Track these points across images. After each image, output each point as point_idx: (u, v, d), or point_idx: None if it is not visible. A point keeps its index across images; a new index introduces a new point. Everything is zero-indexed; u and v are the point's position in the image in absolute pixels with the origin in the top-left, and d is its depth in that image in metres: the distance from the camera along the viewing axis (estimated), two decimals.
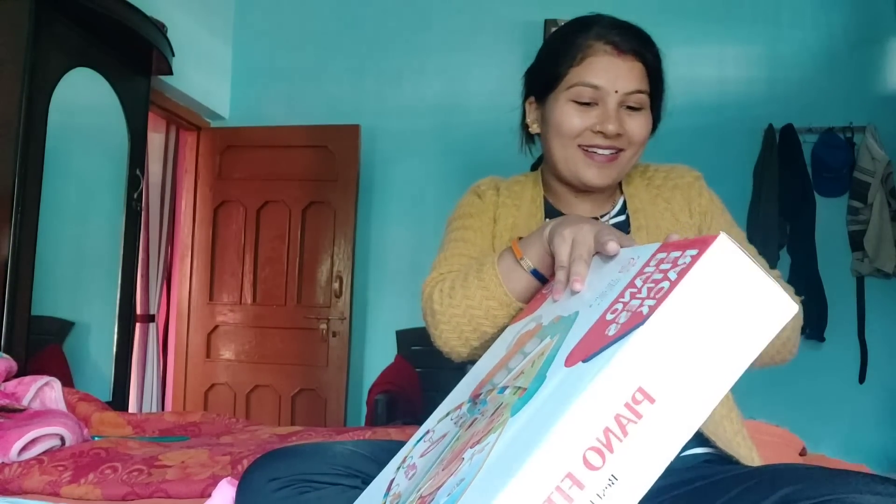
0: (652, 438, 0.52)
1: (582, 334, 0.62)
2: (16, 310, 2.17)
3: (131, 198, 2.83)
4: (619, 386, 0.52)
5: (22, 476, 1.31)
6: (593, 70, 0.98)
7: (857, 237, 3.12)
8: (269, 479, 0.87)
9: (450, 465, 0.63)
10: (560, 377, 0.59)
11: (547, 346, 0.68)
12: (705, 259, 0.55)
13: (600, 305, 0.65)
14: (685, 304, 0.54)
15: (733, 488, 0.73)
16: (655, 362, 0.53)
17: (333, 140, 3.52)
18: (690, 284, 0.55)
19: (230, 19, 3.76)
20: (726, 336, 0.54)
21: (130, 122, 2.83)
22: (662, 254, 0.63)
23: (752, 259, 0.56)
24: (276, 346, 3.53)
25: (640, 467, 0.52)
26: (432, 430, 0.79)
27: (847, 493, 0.63)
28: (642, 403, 0.52)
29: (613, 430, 0.52)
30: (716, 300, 0.55)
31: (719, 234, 0.56)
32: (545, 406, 0.57)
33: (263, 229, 3.60)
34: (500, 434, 0.59)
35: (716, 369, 0.54)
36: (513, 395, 0.64)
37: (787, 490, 0.67)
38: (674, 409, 0.53)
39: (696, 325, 0.54)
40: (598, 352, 0.56)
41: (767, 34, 3.39)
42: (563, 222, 0.84)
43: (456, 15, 3.61)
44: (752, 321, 0.55)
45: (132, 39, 2.64)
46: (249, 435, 1.76)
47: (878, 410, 3.16)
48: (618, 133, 0.97)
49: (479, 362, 0.85)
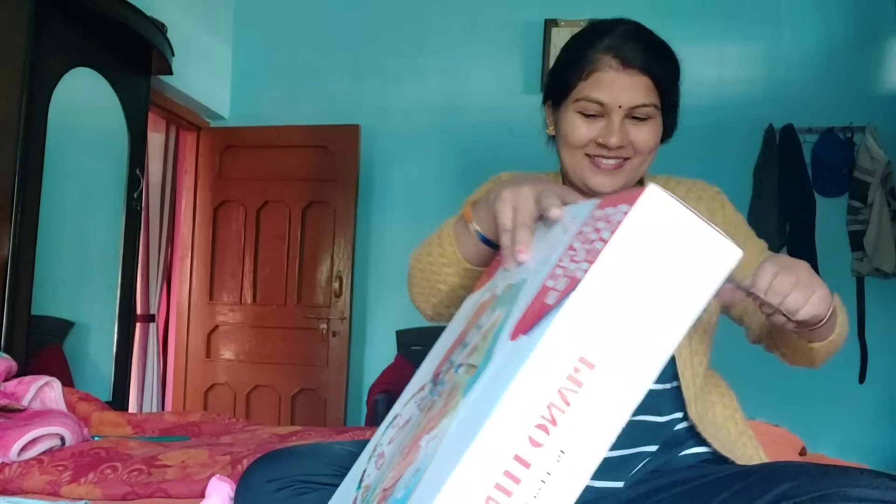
0: (597, 406, 0.50)
1: (526, 304, 0.59)
2: (16, 310, 2.17)
3: (131, 198, 2.83)
4: (558, 357, 0.50)
5: (22, 476, 1.31)
6: (598, 86, 0.98)
7: (856, 237, 3.12)
8: (268, 480, 0.87)
9: (409, 454, 0.60)
10: (504, 353, 0.56)
11: (497, 318, 0.65)
12: (635, 212, 0.52)
13: (544, 271, 0.61)
14: (619, 262, 0.51)
15: (731, 486, 0.74)
16: (593, 327, 0.50)
17: (333, 140, 3.52)
18: (622, 241, 0.51)
19: (230, 19, 3.76)
20: (668, 290, 0.51)
21: (130, 122, 2.83)
22: (599, 211, 0.60)
23: (687, 207, 0.53)
24: (276, 346, 3.53)
25: (588, 438, 0.50)
26: (399, 415, 0.76)
27: (844, 487, 0.64)
28: (582, 371, 0.50)
29: (556, 404, 0.49)
30: (652, 254, 0.51)
31: (648, 184, 0.53)
32: (490, 385, 0.54)
33: (263, 229, 3.60)
34: (453, 418, 0.56)
35: (660, 326, 0.51)
36: (465, 375, 0.62)
37: (786, 486, 0.68)
38: (618, 373, 0.50)
39: (633, 283, 0.51)
40: (538, 323, 0.53)
41: (767, 34, 3.39)
42: (506, 184, 0.82)
43: (456, 15, 3.61)
44: (694, 272, 0.52)
45: (132, 39, 2.63)
46: (249, 435, 1.76)
47: (878, 410, 3.16)
48: (621, 145, 0.98)
49: (441, 337, 0.82)
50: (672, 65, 1.01)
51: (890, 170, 3.11)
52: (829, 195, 3.24)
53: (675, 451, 0.93)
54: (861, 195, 3.11)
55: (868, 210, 3.08)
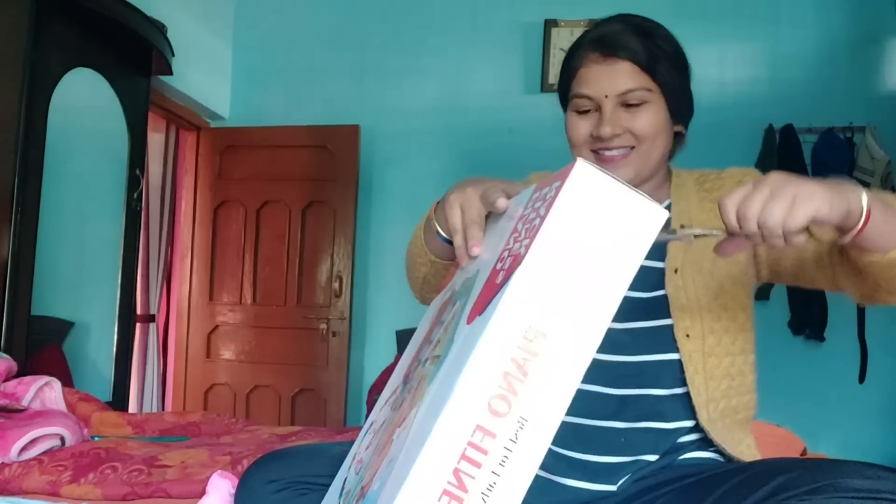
0: (553, 372, 0.52)
1: (480, 289, 0.62)
2: (16, 310, 2.17)
3: (131, 198, 2.83)
4: (509, 329, 0.52)
5: (22, 476, 1.31)
6: (584, 81, 1.01)
7: None
8: (267, 481, 0.87)
9: (384, 450, 0.63)
10: (463, 336, 0.59)
11: (457, 309, 0.68)
12: (567, 187, 0.55)
13: (493, 259, 0.65)
14: (556, 234, 0.54)
15: (727, 481, 0.74)
16: (540, 297, 0.53)
17: (333, 140, 3.52)
18: (557, 215, 0.55)
19: (230, 19, 3.76)
20: (604, 255, 0.54)
21: (130, 122, 2.83)
22: (536, 193, 0.63)
23: (613, 177, 0.56)
24: (276, 346, 3.53)
25: (547, 404, 0.52)
26: (374, 421, 0.78)
27: (837, 478, 0.65)
28: (535, 340, 0.52)
29: (513, 373, 0.51)
30: (586, 224, 0.54)
31: (577, 160, 0.56)
32: (450, 368, 0.56)
33: (263, 229, 3.60)
34: (420, 406, 0.59)
35: (601, 289, 0.54)
36: (431, 366, 0.64)
37: (781, 480, 0.68)
38: (568, 338, 0.53)
39: (572, 252, 0.54)
40: (490, 302, 0.56)
41: (768, 34, 3.39)
42: (452, 189, 0.86)
43: (456, 15, 3.61)
44: (627, 235, 0.55)
45: (132, 39, 2.64)
46: (249, 435, 1.76)
47: (878, 410, 3.16)
48: (615, 134, 0.98)
49: (410, 343, 0.85)
50: (659, 42, 0.99)
51: (890, 170, 3.11)
52: None
53: (674, 455, 0.93)
54: None
55: None
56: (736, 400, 0.97)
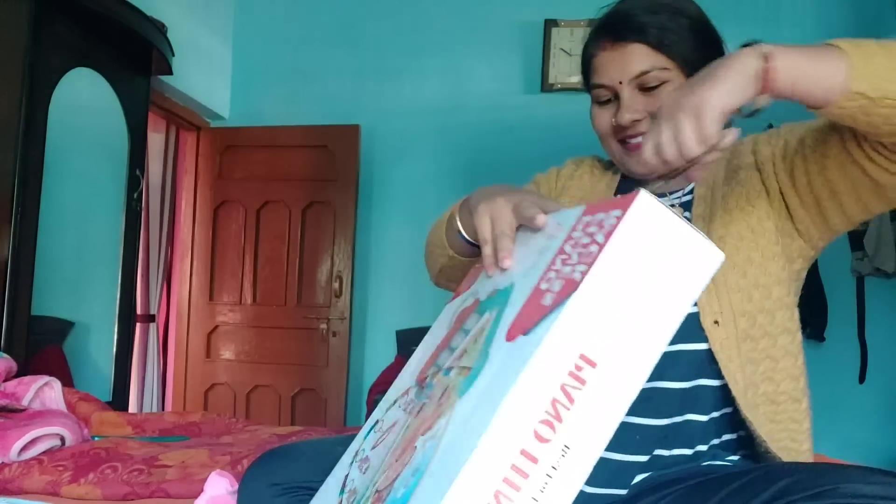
0: (599, 402, 0.52)
1: (519, 306, 0.62)
2: (16, 310, 2.17)
3: (131, 198, 2.83)
4: (561, 355, 0.52)
5: (22, 476, 1.31)
6: (598, 71, 0.99)
7: (857, 237, 3.12)
8: (268, 485, 0.87)
9: (403, 455, 0.62)
10: (503, 353, 0.58)
11: (486, 321, 0.67)
12: (628, 218, 0.55)
13: (534, 275, 0.64)
14: (615, 265, 0.54)
15: (729, 484, 0.74)
16: (593, 327, 0.53)
17: (333, 140, 3.52)
18: (618, 245, 0.55)
19: (230, 19, 3.76)
20: (658, 290, 0.54)
21: (130, 122, 2.83)
22: (588, 217, 0.63)
23: (674, 212, 0.56)
24: (276, 346, 3.53)
25: (590, 433, 0.52)
26: (381, 420, 0.77)
27: (840, 483, 0.64)
28: (585, 369, 0.52)
29: (560, 400, 0.51)
30: (644, 257, 0.55)
31: (639, 190, 0.56)
32: (492, 384, 0.56)
33: (263, 229, 3.60)
34: (451, 417, 0.58)
35: (652, 324, 0.54)
36: (458, 376, 0.64)
37: (784, 482, 0.68)
38: (616, 370, 0.53)
39: (628, 284, 0.54)
40: (538, 323, 0.56)
41: (767, 34, 3.38)
42: (479, 197, 0.84)
43: (456, 15, 3.61)
44: (682, 273, 0.55)
45: (132, 39, 2.64)
46: (249, 435, 1.76)
47: (878, 410, 3.16)
48: (635, 120, 0.95)
49: (422, 345, 0.84)
50: (669, 17, 0.94)
51: None
52: None
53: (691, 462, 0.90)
54: None
55: None
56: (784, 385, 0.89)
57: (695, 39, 0.95)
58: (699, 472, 0.85)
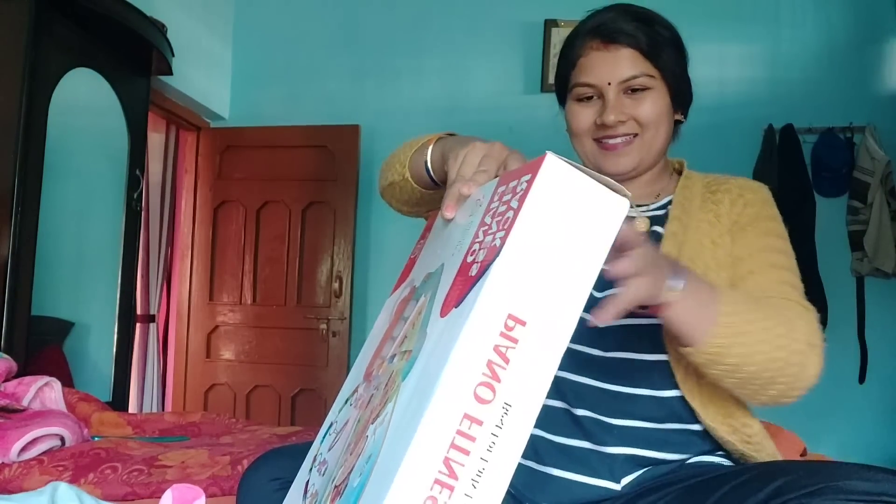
0: (532, 358, 0.54)
1: (450, 282, 0.64)
2: (16, 310, 2.17)
3: (131, 198, 2.83)
4: (491, 319, 0.54)
5: (22, 476, 1.31)
6: (586, 70, 1.01)
7: (856, 237, 3.12)
8: (270, 479, 0.87)
9: (356, 447, 0.64)
10: (439, 329, 0.60)
11: (423, 304, 0.70)
12: (538, 181, 0.57)
13: (460, 252, 0.67)
14: (530, 226, 0.56)
15: (726, 483, 0.74)
16: (518, 287, 0.55)
17: (333, 140, 3.52)
18: (531, 207, 0.57)
19: (230, 19, 3.76)
20: (574, 243, 0.57)
21: (130, 122, 2.83)
22: (502, 187, 0.65)
23: (581, 169, 0.58)
24: (276, 346, 3.53)
25: (528, 388, 0.54)
26: (335, 422, 0.79)
27: (836, 480, 0.65)
28: (515, 329, 0.54)
29: (496, 361, 0.53)
30: (557, 215, 0.57)
31: (546, 153, 0.58)
32: (430, 360, 0.58)
33: (263, 229, 3.60)
34: (396, 401, 0.60)
35: (573, 276, 0.56)
36: (401, 361, 0.66)
37: (780, 481, 0.68)
38: (545, 325, 0.55)
39: (545, 242, 0.56)
40: (466, 294, 0.58)
41: (767, 34, 3.38)
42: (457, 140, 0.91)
43: (456, 15, 3.61)
44: (593, 225, 0.57)
45: (132, 39, 2.64)
46: (249, 435, 1.76)
47: (878, 410, 3.15)
48: (619, 121, 0.98)
49: (366, 343, 0.87)
50: (659, 28, 1.00)
51: (890, 170, 3.11)
52: (829, 195, 3.24)
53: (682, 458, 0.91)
54: (861, 195, 3.11)
55: (868, 210, 3.08)
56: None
57: (676, 53, 1.01)
58: (695, 472, 0.85)
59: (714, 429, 0.90)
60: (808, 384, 0.89)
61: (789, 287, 0.95)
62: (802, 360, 0.87)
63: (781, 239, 1.02)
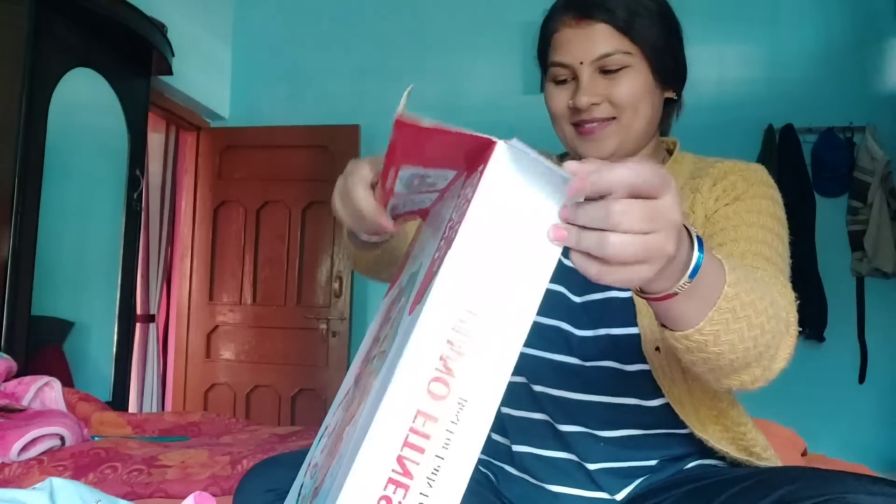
0: (487, 351, 0.52)
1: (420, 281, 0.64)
2: (16, 310, 2.17)
3: (131, 198, 2.83)
4: (443, 312, 0.53)
5: (22, 476, 1.32)
6: (558, 48, 0.96)
7: (856, 237, 3.12)
8: (265, 490, 0.86)
9: (335, 449, 0.63)
10: (405, 327, 0.59)
11: (402, 304, 0.69)
12: (489, 170, 0.56)
13: (431, 250, 0.65)
14: (481, 216, 0.55)
15: (729, 489, 0.73)
16: (470, 279, 0.53)
17: (333, 140, 3.52)
18: (482, 197, 0.55)
19: (230, 19, 3.76)
20: (527, 230, 0.55)
21: (130, 122, 2.83)
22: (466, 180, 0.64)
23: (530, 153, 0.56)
24: (276, 346, 3.53)
25: (484, 383, 0.52)
26: (329, 425, 0.78)
27: (842, 492, 0.63)
28: (467, 321, 0.53)
29: (449, 356, 0.52)
30: (508, 202, 0.55)
31: (497, 141, 0.56)
32: (392, 358, 0.57)
33: (263, 229, 3.60)
34: (365, 401, 0.59)
35: (527, 264, 0.54)
36: (378, 361, 0.65)
37: (784, 490, 0.67)
38: (499, 316, 0.53)
39: (496, 232, 0.54)
40: (427, 289, 0.56)
41: (767, 34, 3.39)
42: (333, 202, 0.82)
43: (456, 15, 3.61)
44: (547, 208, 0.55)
45: (132, 39, 2.64)
46: (249, 435, 1.76)
47: (878, 410, 3.16)
48: (593, 103, 0.91)
49: (360, 346, 0.86)
50: (636, 3, 0.91)
51: (890, 170, 3.11)
52: (829, 195, 3.24)
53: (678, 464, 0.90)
54: (861, 195, 3.12)
55: (868, 210, 3.08)
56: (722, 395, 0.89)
57: (661, 26, 0.93)
58: (695, 476, 0.84)
59: (706, 440, 0.87)
60: (779, 368, 0.79)
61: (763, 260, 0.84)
62: (778, 343, 0.76)
63: (773, 219, 0.91)
